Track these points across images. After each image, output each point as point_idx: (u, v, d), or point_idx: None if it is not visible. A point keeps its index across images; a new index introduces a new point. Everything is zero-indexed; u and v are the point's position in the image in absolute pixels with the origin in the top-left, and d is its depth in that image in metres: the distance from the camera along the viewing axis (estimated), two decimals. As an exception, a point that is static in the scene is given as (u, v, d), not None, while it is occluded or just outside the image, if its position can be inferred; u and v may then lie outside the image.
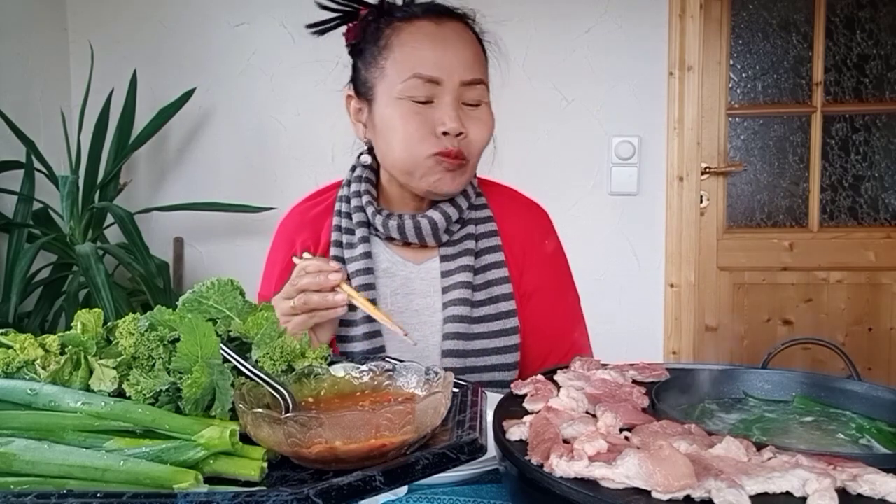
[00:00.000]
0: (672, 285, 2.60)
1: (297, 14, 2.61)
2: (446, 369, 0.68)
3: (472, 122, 1.02)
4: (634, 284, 2.58)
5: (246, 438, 0.55)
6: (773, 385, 0.78)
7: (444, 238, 1.09)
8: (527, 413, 0.65)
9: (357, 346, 1.05)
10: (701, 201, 2.63)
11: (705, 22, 2.55)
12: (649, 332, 2.58)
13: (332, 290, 0.92)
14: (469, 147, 1.02)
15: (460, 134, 1.00)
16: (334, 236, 1.11)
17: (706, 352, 2.63)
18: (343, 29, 1.10)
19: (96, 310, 0.66)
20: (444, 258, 1.09)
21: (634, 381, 0.76)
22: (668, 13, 2.52)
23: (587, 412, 0.66)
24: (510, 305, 1.08)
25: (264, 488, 0.51)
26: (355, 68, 1.08)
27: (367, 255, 1.08)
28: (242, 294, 0.70)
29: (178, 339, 0.59)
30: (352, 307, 0.97)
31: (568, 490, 0.50)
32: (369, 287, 1.06)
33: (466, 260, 1.08)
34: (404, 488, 0.66)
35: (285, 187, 2.66)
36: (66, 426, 0.55)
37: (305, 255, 0.98)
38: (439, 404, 0.57)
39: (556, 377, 0.76)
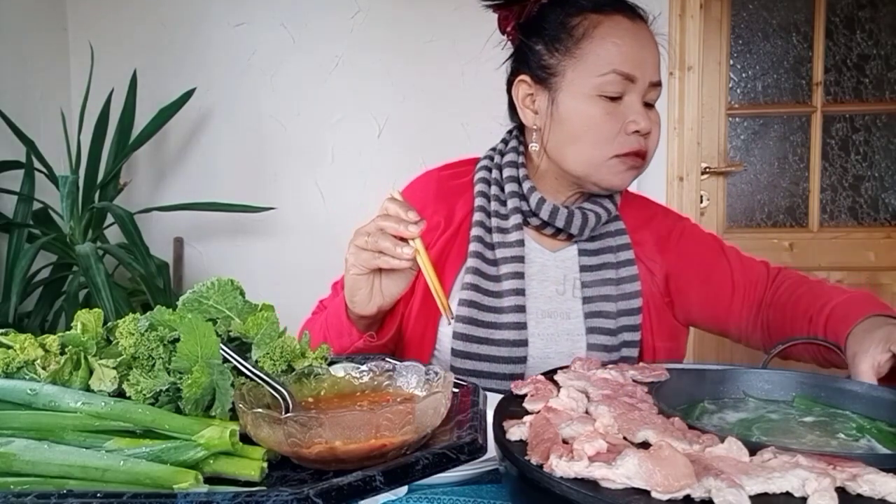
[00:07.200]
0: (672, 285, 2.60)
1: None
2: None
3: (651, 123, 1.04)
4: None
5: (246, 438, 0.55)
6: (773, 385, 0.78)
7: (589, 233, 1.10)
8: (527, 413, 0.65)
9: (504, 334, 1.04)
10: (701, 201, 2.63)
11: (705, 22, 2.55)
12: (649, 332, 2.58)
13: (405, 241, 0.86)
14: (648, 146, 1.04)
15: (647, 132, 1.02)
16: (478, 216, 1.09)
17: (706, 352, 2.63)
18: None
19: (96, 310, 0.66)
20: (583, 252, 1.10)
21: (634, 381, 0.76)
22: (668, 13, 2.51)
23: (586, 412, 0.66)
24: (637, 303, 1.09)
25: (264, 488, 0.51)
26: (531, 51, 1.06)
27: (522, 242, 1.08)
28: (242, 294, 0.70)
29: (178, 339, 0.59)
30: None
31: (568, 490, 0.50)
32: (519, 276, 1.06)
33: (609, 257, 1.09)
34: (404, 488, 0.66)
35: (285, 187, 2.66)
36: (66, 426, 0.55)
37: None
38: (439, 404, 0.57)
39: (556, 377, 0.76)
